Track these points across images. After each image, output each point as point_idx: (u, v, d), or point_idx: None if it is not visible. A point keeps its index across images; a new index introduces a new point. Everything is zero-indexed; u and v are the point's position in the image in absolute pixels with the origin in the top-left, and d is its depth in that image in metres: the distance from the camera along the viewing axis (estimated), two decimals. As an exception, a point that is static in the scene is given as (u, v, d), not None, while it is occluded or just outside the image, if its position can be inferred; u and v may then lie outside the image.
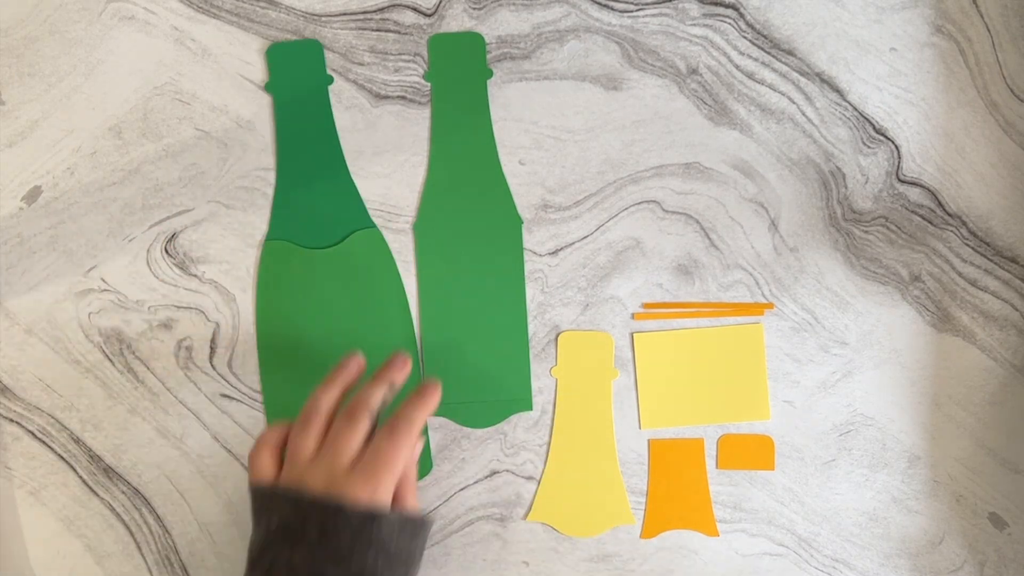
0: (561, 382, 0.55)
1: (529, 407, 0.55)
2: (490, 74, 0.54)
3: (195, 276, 0.53)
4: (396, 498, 0.46)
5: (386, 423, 0.45)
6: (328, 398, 0.46)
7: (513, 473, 0.55)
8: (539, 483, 0.55)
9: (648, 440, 0.55)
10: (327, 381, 0.47)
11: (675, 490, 0.55)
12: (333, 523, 0.42)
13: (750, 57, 0.55)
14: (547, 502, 0.55)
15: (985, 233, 0.56)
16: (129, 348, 0.53)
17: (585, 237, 0.55)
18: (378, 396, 0.47)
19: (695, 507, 0.55)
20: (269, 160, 0.54)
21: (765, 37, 0.55)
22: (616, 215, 0.55)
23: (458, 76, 0.54)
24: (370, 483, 0.43)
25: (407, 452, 0.45)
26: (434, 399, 0.47)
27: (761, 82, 0.55)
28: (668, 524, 0.55)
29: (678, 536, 0.55)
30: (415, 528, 0.45)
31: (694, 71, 0.55)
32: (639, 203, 0.55)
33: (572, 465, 0.55)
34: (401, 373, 0.49)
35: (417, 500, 0.48)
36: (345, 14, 0.53)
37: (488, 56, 0.54)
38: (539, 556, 0.55)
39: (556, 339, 0.55)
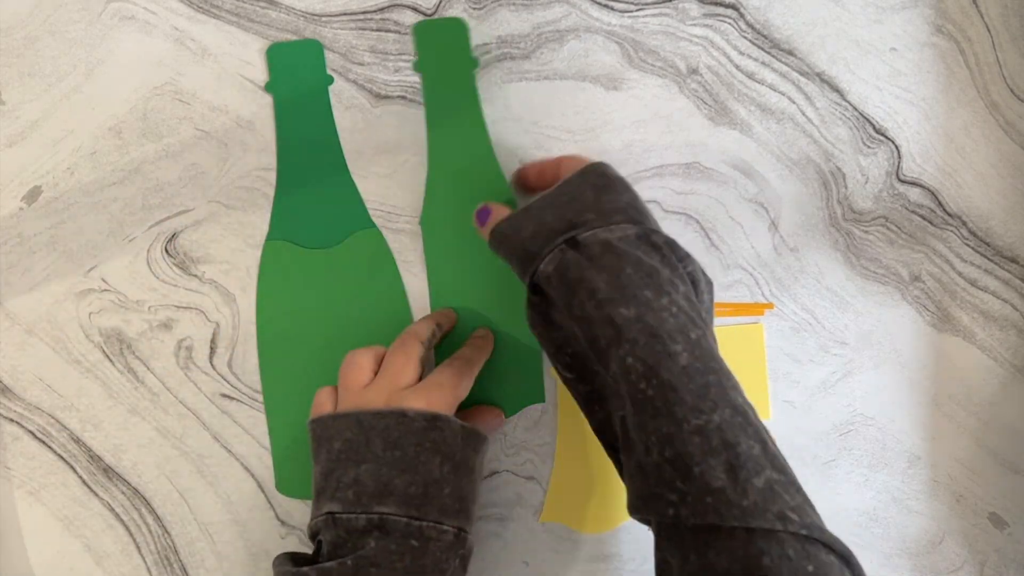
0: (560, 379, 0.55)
1: (542, 399, 0.54)
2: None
3: (195, 276, 0.53)
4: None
5: (447, 359, 0.48)
6: (371, 348, 0.48)
7: (513, 473, 0.55)
8: (548, 483, 0.55)
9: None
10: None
11: None
12: (397, 431, 0.42)
13: (750, 57, 0.55)
14: (559, 501, 0.55)
15: (985, 233, 0.56)
16: (129, 348, 0.53)
17: (585, 237, 0.55)
18: (426, 329, 0.48)
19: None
20: (269, 160, 0.54)
21: (765, 37, 0.55)
22: (616, 215, 0.55)
23: (446, 62, 0.53)
24: (428, 396, 0.44)
25: (466, 382, 0.46)
26: (490, 343, 0.51)
27: (761, 82, 0.55)
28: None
29: (678, 536, 0.55)
30: (477, 441, 0.44)
31: (694, 71, 0.55)
32: (639, 203, 0.55)
33: (580, 462, 0.55)
34: (447, 318, 0.51)
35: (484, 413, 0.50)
36: (345, 14, 0.53)
37: (488, 56, 0.54)
38: (539, 556, 0.55)
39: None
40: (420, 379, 0.46)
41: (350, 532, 0.41)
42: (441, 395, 0.44)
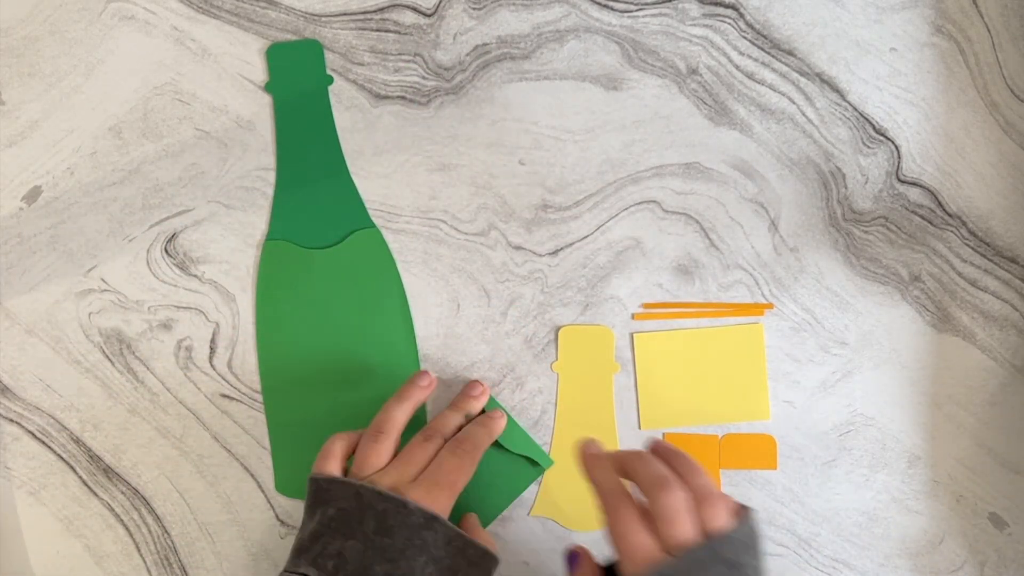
0: (562, 377, 0.55)
1: (547, 462, 0.54)
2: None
3: (195, 276, 0.53)
4: (465, 529, 0.47)
5: (452, 440, 0.47)
6: (402, 413, 0.48)
7: (513, 473, 0.55)
8: (542, 478, 0.55)
9: (663, 434, 0.55)
10: (400, 396, 0.49)
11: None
12: (393, 518, 0.42)
13: (750, 57, 0.55)
14: (551, 497, 0.55)
15: (985, 233, 0.56)
16: (129, 348, 0.53)
17: (585, 237, 0.55)
18: (453, 422, 0.49)
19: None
20: (269, 160, 0.54)
21: (765, 37, 0.55)
22: (616, 215, 0.55)
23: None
24: (431, 493, 0.44)
25: (469, 471, 0.47)
26: (500, 424, 0.51)
27: (761, 82, 0.55)
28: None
29: (678, 536, 0.55)
30: (475, 553, 0.44)
31: (694, 71, 0.55)
32: (639, 203, 0.55)
33: (574, 461, 0.55)
34: (478, 402, 0.52)
35: (489, 537, 0.48)
36: (345, 14, 0.53)
37: (488, 56, 0.54)
38: (539, 556, 0.55)
39: (556, 334, 0.55)
40: None
41: None
42: (441, 494, 0.44)
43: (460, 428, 0.50)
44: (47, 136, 0.53)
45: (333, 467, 0.46)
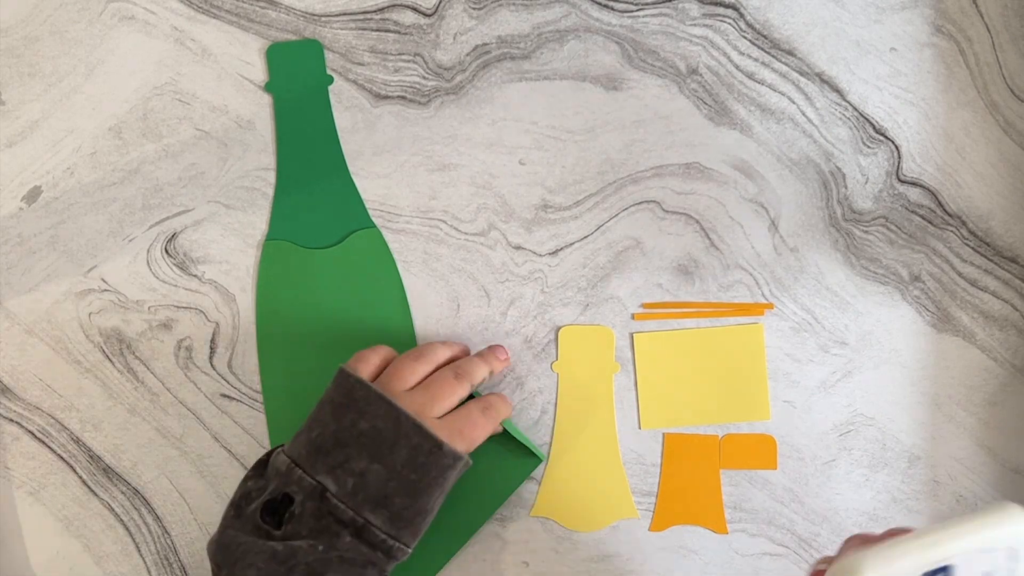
0: (562, 377, 0.55)
1: (541, 458, 0.54)
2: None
3: (195, 276, 0.53)
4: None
5: (482, 400, 0.48)
6: (445, 351, 0.49)
7: (513, 473, 0.55)
8: (542, 478, 0.55)
9: (663, 434, 0.55)
10: (448, 344, 0.50)
11: (687, 485, 0.55)
12: (425, 456, 0.43)
13: (750, 57, 0.55)
14: (550, 497, 0.55)
15: (985, 233, 0.56)
16: (129, 348, 0.53)
17: (585, 237, 0.55)
18: (481, 372, 0.49)
19: (706, 503, 0.55)
20: (269, 160, 0.54)
21: (765, 37, 0.55)
22: (616, 215, 0.55)
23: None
24: (453, 439, 0.44)
25: (486, 435, 0.47)
26: (509, 407, 0.52)
27: (761, 82, 0.55)
28: (678, 519, 0.55)
29: (679, 536, 0.55)
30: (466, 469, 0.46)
31: (694, 71, 0.55)
32: (639, 203, 0.55)
33: (575, 459, 0.55)
34: (501, 364, 0.52)
35: None
36: (345, 14, 0.53)
37: (488, 56, 0.54)
38: (539, 556, 0.55)
39: (556, 334, 0.55)
40: None
41: (330, 515, 0.41)
42: (461, 444, 0.45)
43: (482, 382, 0.50)
44: (47, 136, 0.53)
45: (370, 367, 0.47)
